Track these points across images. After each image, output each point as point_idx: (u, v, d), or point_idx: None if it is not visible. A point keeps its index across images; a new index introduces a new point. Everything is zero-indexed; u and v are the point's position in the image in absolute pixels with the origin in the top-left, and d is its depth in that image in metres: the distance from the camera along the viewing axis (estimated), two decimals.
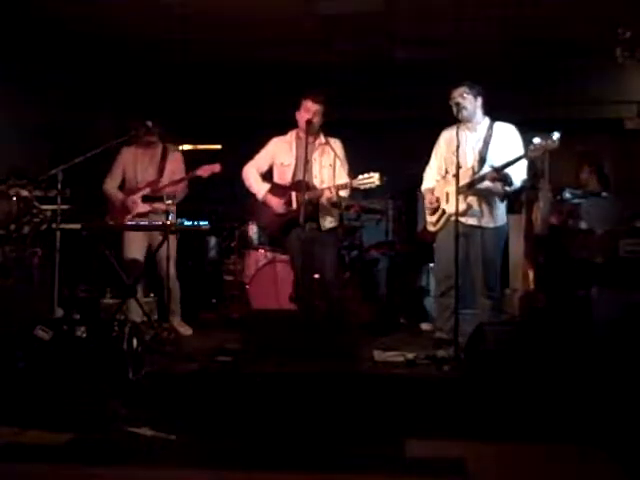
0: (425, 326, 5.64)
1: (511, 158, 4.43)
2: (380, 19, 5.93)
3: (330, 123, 4.95)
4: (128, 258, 5.29)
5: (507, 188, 4.58)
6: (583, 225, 5.49)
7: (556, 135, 4.16)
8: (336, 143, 4.95)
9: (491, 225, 4.64)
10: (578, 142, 7.65)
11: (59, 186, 4.62)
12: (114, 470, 2.75)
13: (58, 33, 6.04)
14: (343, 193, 4.78)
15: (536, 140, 4.27)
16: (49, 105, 6.24)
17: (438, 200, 4.76)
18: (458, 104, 4.54)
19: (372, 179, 4.58)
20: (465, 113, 4.58)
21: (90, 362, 3.70)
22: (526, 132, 7.87)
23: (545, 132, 7.88)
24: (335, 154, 4.86)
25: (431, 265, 5.83)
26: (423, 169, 5.07)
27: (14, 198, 4.53)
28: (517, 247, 6.47)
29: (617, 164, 7.50)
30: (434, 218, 4.82)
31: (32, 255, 4.74)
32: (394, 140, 7.41)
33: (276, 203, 4.92)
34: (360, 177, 4.63)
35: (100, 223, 5.04)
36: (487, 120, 4.74)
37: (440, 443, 3.03)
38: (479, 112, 4.71)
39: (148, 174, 5.40)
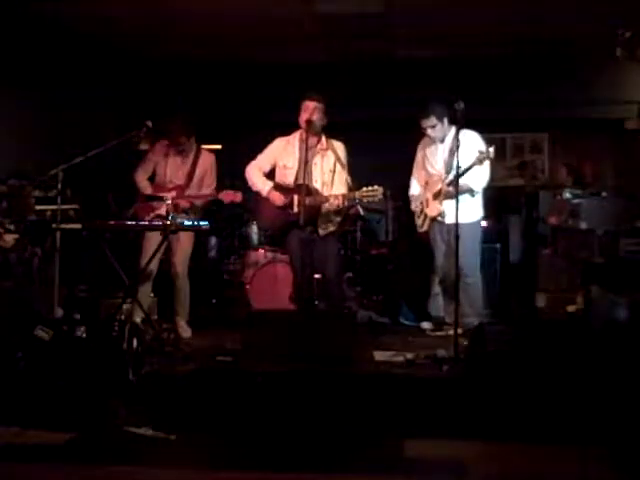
0: (425, 326, 5.63)
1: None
2: (380, 19, 5.93)
3: (330, 123, 4.93)
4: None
5: (468, 195, 4.97)
6: (583, 225, 5.49)
7: (492, 148, 4.75)
8: (340, 146, 4.92)
9: (467, 221, 4.85)
10: (578, 142, 7.68)
11: (59, 186, 4.61)
12: (114, 470, 2.75)
13: (57, 33, 6.04)
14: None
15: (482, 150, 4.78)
16: (49, 105, 6.23)
17: (422, 204, 5.32)
18: (430, 134, 5.13)
19: (376, 193, 4.59)
20: (437, 137, 5.15)
21: (90, 362, 3.70)
22: (526, 132, 7.87)
23: (545, 132, 7.95)
24: (336, 157, 4.84)
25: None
26: None
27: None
28: (517, 247, 6.47)
29: (617, 164, 7.50)
30: (419, 221, 5.41)
31: (32, 255, 4.74)
32: (394, 140, 7.39)
33: (279, 199, 4.88)
34: (364, 189, 4.61)
35: (100, 223, 5.01)
36: (453, 129, 5.02)
37: (440, 443, 3.04)
38: (446, 126, 5.12)
39: (177, 177, 5.35)
